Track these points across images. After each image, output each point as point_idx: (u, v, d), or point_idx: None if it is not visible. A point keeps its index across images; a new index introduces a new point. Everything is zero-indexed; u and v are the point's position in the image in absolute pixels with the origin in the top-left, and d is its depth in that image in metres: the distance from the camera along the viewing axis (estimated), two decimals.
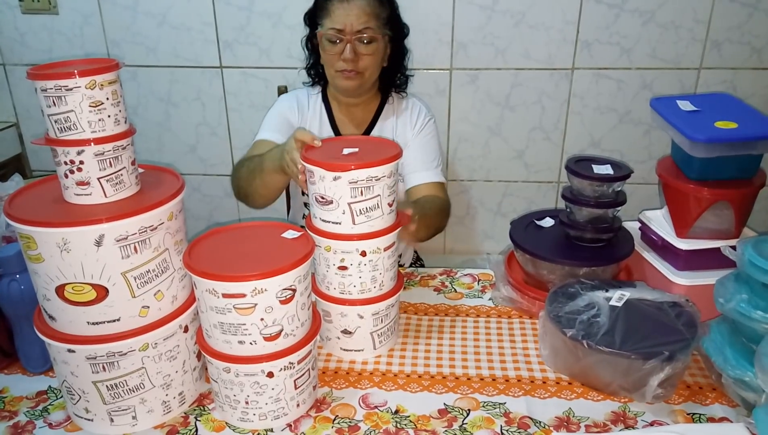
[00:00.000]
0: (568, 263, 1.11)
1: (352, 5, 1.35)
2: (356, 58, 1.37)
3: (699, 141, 1.00)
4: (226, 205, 2.28)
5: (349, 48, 1.35)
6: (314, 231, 0.98)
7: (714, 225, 1.08)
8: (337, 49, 1.37)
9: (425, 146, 1.50)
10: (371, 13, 1.36)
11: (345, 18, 1.34)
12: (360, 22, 1.35)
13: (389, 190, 0.96)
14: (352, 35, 1.35)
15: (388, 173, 0.94)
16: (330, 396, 0.95)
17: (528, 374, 1.00)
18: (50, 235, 0.77)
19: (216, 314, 0.82)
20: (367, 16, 1.35)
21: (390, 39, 1.43)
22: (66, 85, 0.77)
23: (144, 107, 2.14)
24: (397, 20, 1.46)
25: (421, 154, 1.48)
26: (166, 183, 0.90)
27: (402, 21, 1.48)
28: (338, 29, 1.35)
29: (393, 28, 1.43)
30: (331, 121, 1.52)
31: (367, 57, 1.38)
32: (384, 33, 1.40)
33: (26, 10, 2.03)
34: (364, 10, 1.35)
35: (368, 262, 0.97)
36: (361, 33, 1.35)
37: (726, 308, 0.88)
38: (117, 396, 0.85)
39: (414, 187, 1.46)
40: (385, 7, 1.41)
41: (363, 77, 1.40)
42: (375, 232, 0.96)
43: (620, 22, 1.90)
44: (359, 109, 1.51)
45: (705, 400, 0.93)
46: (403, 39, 1.49)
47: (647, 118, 2.00)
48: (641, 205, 1.27)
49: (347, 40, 1.35)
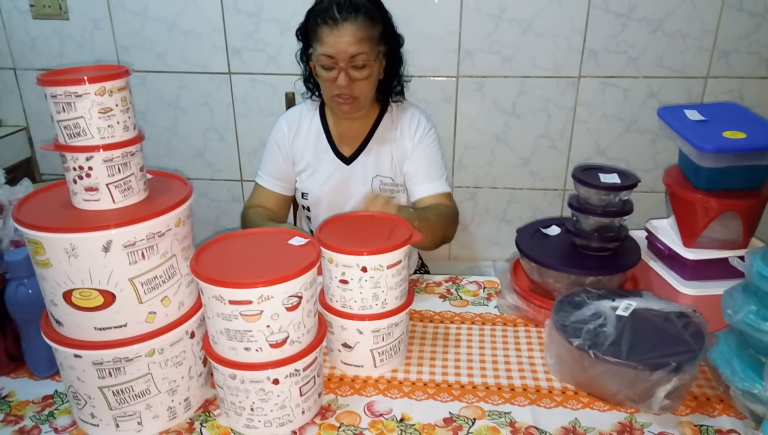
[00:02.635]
0: (574, 272, 1.11)
1: (342, 31, 1.28)
2: (350, 84, 1.32)
3: (707, 151, 1.00)
4: (233, 210, 2.29)
5: (342, 76, 1.31)
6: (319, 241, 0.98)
7: (721, 235, 1.07)
8: (330, 76, 1.32)
9: (427, 157, 1.47)
10: (363, 36, 1.30)
11: (336, 45, 1.29)
12: (352, 49, 1.29)
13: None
14: (345, 63, 1.30)
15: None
16: (335, 403, 0.95)
17: (534, 383, 0.99)
18: (58, 240, 0.78)
19: (222, 321, 0.82)
20: (358, 42, 1.29)
21: (386, 52, 1.39)
22: (76, 91, 0.78)
23: (153, 112, 2.15)
24: (391, 32, 1.40)
25: (424, 165, 1.46)
26: (174, 189, 0.90)
27: (396, 31, 1.42)
28: (330, 56, 1.30)
29: (387, 42, 1.38)
30: (328, 138, 1.50)
31: (361, 82, 1.34)
32: (378, 52, 1.35)
33: (37, 15, 2.05)
34: (355, 36, 1.29)
35: (369, 278, 0.95)
36: (354, 58, 1.30)
37: (734, 320, 0.88)
38: (123, 401, 0.86)
39: (420, 199, 1.45)
40: (377, 25, 1.34)
41: (358, 101, 1.37)
42: (376, 249, 0.94)
43: (627, 31, 1.90)
44: (357, 124, 1.48)
45: (713, 412, 0.92)
46: (398, 48, 1.44)
47: (653, 127, 1.99)
48: (647, 214, 1.27)
49: (340, 68, 1.30)
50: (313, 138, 1.50)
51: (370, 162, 1.48)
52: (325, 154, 1.50)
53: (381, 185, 1.48)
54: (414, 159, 1.47)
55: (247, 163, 2.21)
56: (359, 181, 1.48)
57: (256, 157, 2.18)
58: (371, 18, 1.32)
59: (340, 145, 1.50)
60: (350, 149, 1.49)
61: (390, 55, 1.41)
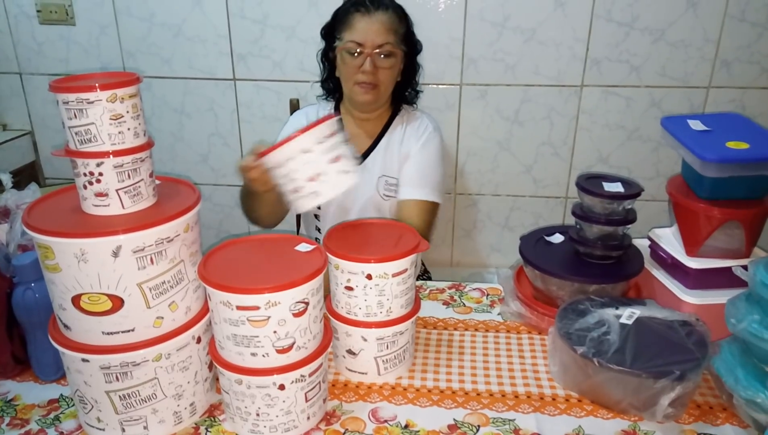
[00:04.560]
0: (578, 280, 1.12)
1: (374, 20, 1.38)
2: (375, 71, 1.39)
3: (710, 161, 1.01)
4: (237, 215, 2.29)
5: (369, 61, 1.38)
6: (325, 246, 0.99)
7: (724, 244, 1.08)
8: (356, 62, 1.39)
9: (425, 161, 1.49)
10: (391, 28, 1.40)
11: (366, 32, 1.37)
12: (381, 37, 1.38)
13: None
14: (372, 49, 1.38)
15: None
16: (340, 409, 0.96)
17: (537, 391, 1.00)
18: (68, 245, 0.78)
19: (229, 326, 0.83)
20: (387, 31, 1.39)
21: (404, 55, 1.46)
22: (87, 98, 0.79)
23: (158, 117, 2.16)
24: (412, 37, 1.50)
25: (420, 169, 1.48)
26: (183, 195, 0.91)
27: (416, 38, 1.51)
28: (359, 42, 1.38)
29: (408, 44, 1.46)
30: None
31: (385, 71, 1.41)
32: (401, 48, 1.43)
33: (44, 20, 2.07)
34: (385, 25, 1.39)
35: (374, 285, 0.95)
36: (381, 47, 1.38)
37: (738, 329, 0.88)
38: (129, 406, 0.86)
39: (402, 200, 1.47)
40: (403, 23, 1.45)
41: (379, 91, 1.42)
42: (381, 257, 0.94)
43: (630, 40, 1.91)
44: (370, 124, 1.52)
45: (716, 421, 0.93)
46: (417, 55, 1.52)
47: (656, 136, 2.01)
48: (649, 222, 1.28)
49: (367, 54, 1.38)
50: None
51: (379, 162, 1.51)
52: None
53: (386, 185, 1.50)
54: (412, 162, 1.49)
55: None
56: (366, 180, 1.50)
57: None
58: (399, 16, 1.44)
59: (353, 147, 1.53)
60: (359, 150, 1.52)
61: (408, 59, 1.48)
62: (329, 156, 0.96)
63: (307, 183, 0.96)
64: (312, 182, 0.96)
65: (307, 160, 0.95)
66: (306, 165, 0.96)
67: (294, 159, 0.96)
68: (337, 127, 0.99)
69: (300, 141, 0.94)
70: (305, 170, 0.96)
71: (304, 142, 0.95)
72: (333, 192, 0.97)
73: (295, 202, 0.99)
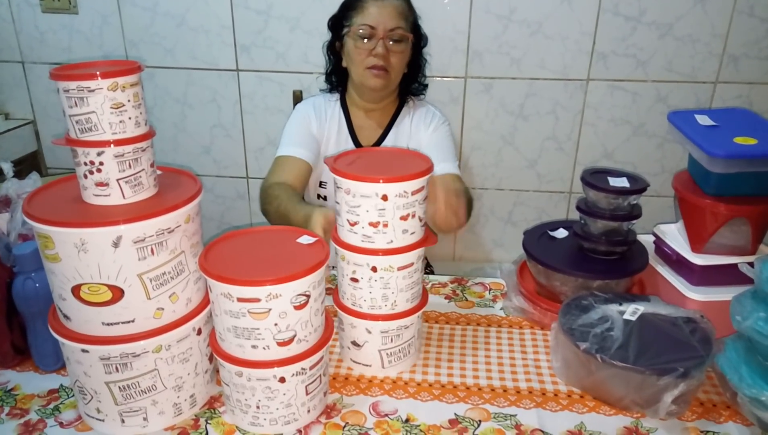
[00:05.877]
0: (581, 275, 1.11)
1: (386, 4, 1.41)
2: (387, 54, 1.40)
3: (718, 156, 0.99)
4: (239, 207, 2.29)
5: (381, 44, 1.39)
6: (334, 238, 0.98)
7: (730, 241, 1.07)
8: (368, 46, 1.41)
9: (441, 143, 1.52)
10: (402, 14, 1.43)
11: (378, 16, 1.39)
12: (393, 22, 1.40)
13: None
14: (384, 32, 1.39)
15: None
16: (340, 402, 0.95)
17: (539, 386, 0.99)
18: (68, 235, 0.78)
19: (230, 318, 0.82)
20: (399, 16, 1.41)
21: (412, 44, 1.48)
22: (88, 86, 0.78)
23: (160, 108, 2.15)
24: (419, 29, 1.51)
25: (436, 150, 1.48)
26: (184, 185, 0.90)
27: (422, 31, 1.52)
28: (371, 25, 1.39)
29: (416, 34, 1.49)
30: (349, 128, 1.54)
31: (396, 55, 1.43)
32: (410, 37, 1.45)
33: (46, 9, 2.06)
34: (397, 10, 1.41)
35: (379, 278, 0.95)
36: (393, 31, 1.40)
37: (743, 326, 0.87)
38: (129, 397, 0.86)
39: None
40: (412, 12, 1.48)
41: (389, 77, 1.43)
42: (387, 250, 0.93)
43: (637, 35, 1.90)
44: (377, 114, 1.53)
45: (719, 418, 0.92)
46: (423, 47, 1.53)
47: (661, 131, 1.99)
48: (653, 218, 1.27)
49: (380, 37, 1.39)
50: (335, 126, 1.55)
51: None
52: (346, 144, 1.54)
53: None
54: (427, 145, 1.51)
55: (253, 161, 2.21)
56: None
57: (263, 154, 2.18)
58: (409, 5, 1.48)
59: (359, 136, 1.54)
60: (368, 141, 1.53)
61: (415, 50, 1.50)
62: (401, 213, 0.92)
63: (367, 225, 0.93)
64: (371, 227, 0.93)
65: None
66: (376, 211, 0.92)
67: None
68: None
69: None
70: (371, 215, 0.92)
71: None
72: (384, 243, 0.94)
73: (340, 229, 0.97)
